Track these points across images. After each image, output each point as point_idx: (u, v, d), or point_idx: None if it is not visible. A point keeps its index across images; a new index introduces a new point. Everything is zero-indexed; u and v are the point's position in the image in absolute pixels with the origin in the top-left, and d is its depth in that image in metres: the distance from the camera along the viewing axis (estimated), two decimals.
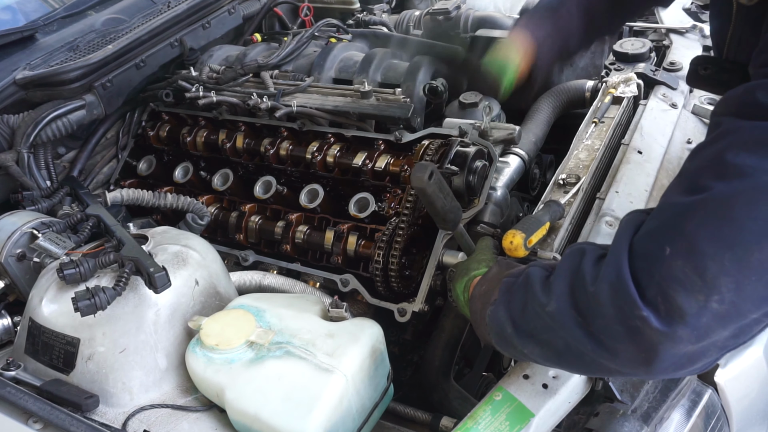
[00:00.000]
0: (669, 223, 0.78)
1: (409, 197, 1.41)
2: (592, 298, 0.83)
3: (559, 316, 0.87)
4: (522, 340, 0.95)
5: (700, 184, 0.76)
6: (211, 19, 2.05)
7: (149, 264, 1.11)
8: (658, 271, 0.76)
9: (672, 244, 0.75)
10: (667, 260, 0.75)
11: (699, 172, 0.78)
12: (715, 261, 0.72)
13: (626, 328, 0.79)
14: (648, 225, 0.82)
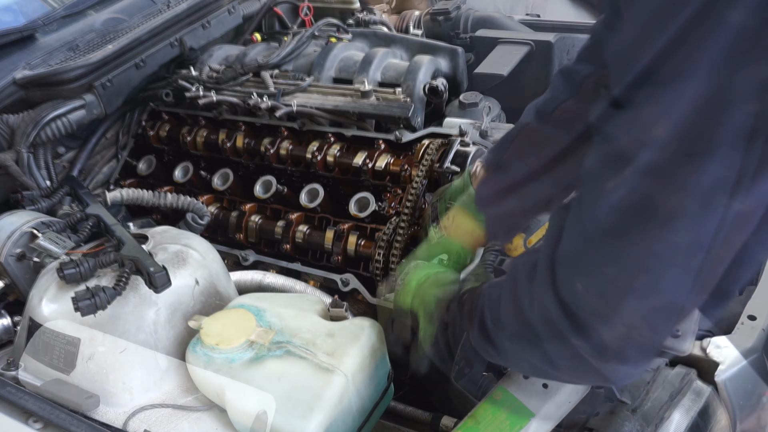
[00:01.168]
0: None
1: (409, 196, 1.41)
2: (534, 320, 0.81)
3: (517, 344, 0.86)
4: (498, 356, 0.95)
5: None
6: (211, 18, 2.05)
7: (149, 263, 1.11)
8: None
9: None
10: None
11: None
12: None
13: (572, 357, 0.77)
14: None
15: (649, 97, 0.55)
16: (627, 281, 0.61)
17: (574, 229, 0.66)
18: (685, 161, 0.55)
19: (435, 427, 1.23)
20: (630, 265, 0.61)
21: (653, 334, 0.67)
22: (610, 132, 0.58)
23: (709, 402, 1.15)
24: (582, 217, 0.63)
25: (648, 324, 0.65)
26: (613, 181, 0.58)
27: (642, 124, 0.56)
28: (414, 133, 1.56)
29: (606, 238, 0.61)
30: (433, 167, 1.44)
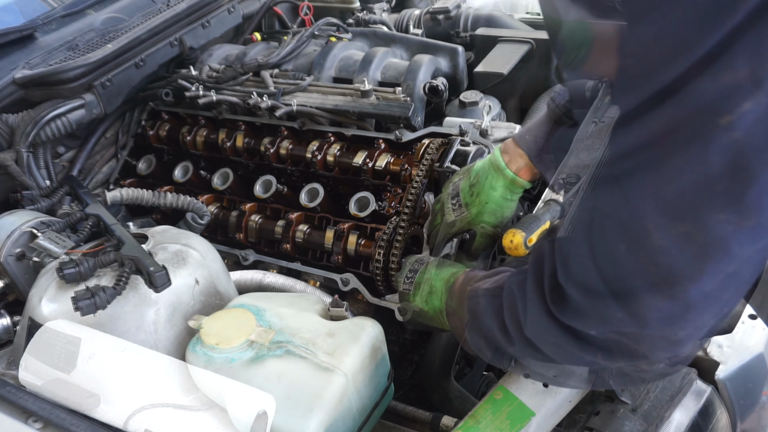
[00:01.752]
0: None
1: (409, 196, 1.41)
2: (536, 341, 0.81)
3: (524, 354, 0.86)
4: (505, 363, 0.94)
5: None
6: (211, 18, 2.05)
7: (149, 263, 1.11)
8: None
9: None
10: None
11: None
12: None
13: (588, 363, 0.78)
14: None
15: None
16: (738, 223, 0.56)
17: (651, 180, 0.59)
18: None
19: (435, 426, 1.23)
20: (745, 206, 0.56)
21: (749, 276, 0.63)
22: (727, 63, 0.51)
23: (709, 401, 1.15)
24: (677, 164, 0.56)
25: (748, 266, 0.61)
26: (727, 118, 0.52)
27: (765, 53, 0.50)
28: (414, 132, 1.56)
29: (718, 182, 0.55)
30: (434, 167, 1.43)
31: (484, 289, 0.95)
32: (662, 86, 0.54)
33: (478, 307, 0.94)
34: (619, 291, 0.65)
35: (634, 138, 0.58)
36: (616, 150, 0.60)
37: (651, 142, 0.57)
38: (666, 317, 0.64)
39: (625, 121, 0.58)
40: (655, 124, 0.56)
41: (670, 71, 0.53)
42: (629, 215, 0.62)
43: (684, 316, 0.63)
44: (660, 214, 0.59)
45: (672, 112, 0.54)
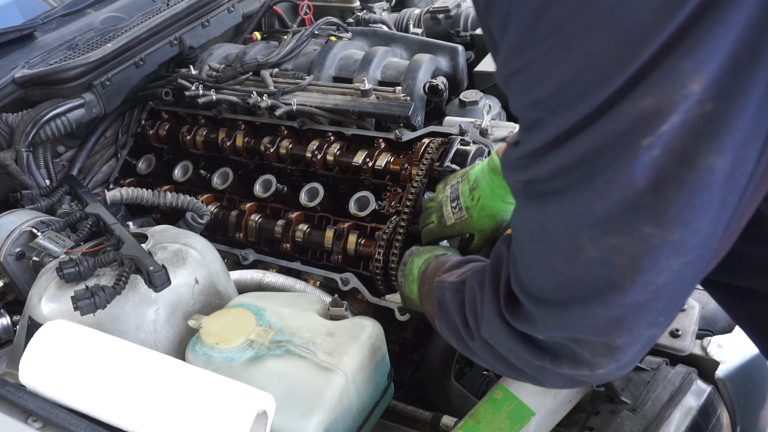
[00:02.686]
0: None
1: (409, 195, 1.41)
2: (490, 341, 0.84)
3: (483, 354, 0.88)
4: (469, 355, 0.95)
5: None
6: (211, 17, 2.04)
7: (149, 263, 1.11)
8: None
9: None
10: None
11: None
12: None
13: (535, 368, 0.79)
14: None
15: (684, 54, 0.54)
16: (663, 237, 0.61)
17: (585, 196, 0.64)
18: (722, 120, 0.56)
19: (435, 426, 1.23)
20: (667, 221, 0.60)
21: (681, 291, 0.67)
22: (645, 89, 0.56)
23: (709, 401, 1.15)
24: (605, 181, 0.61)
25: (678, 281, 0.64)
26: (648, 139, 0.57)
27: (680, 80, 0.55)
28: (414, 132, 1.55)
29: (643, 197, 0.59)
30: (434, 166, 1.43)
31: (449, 282, 0.98)
32: (590, 111, 0.59)
33: (444, 299, 0.97)
34: (561, 300, 0.70)
35: (567, 157, 0.63)
36: (551, 168, 0.65)
37: (583, 161, 0.62)
38: (603, 325, 0.68)
39: (558, 142, 0.62)
40: (585, 145, 0.61)
41: (596, 98, 0.58)
42: (565, 229, 0.66)
43: (620, 323, 0.67)
44: (592, 227, 0.63)
45: (599, 134, 0.59)
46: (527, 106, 0.65)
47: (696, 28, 0.53)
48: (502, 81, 0.66)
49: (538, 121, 0.64)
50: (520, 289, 0.76)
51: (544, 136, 0.63)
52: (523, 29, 0.60)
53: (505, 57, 0.64)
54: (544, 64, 0.60)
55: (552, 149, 0.63)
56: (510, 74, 0.64)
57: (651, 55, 0.54)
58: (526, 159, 0.67)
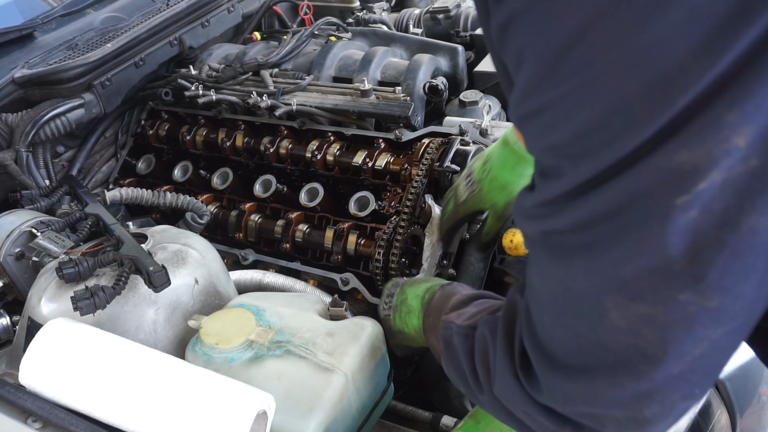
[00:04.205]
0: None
1: (409, 195, 1.41)
2: (509, 405, 0.76)
3: (493, 410, 0.81)
4: (478, 404, 0.89)
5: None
6: (210, 17, 2.04)
7: (148, 263, 1.11)
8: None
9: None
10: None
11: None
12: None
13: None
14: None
15: (730, 104, 0.47)
16: (701, 304, 0.54)
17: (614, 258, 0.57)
18: (765, 172, 0.49)
19: (435, 426, 1.23)
20: (706, 287, 0.54)
21: (720, 361, 0.61)
22: (681, 142, 0.50)
23: (709, 401, 1.15)
24: (634, 242, 0.55)
25: (717, 350, 0.58)
26: (683, 198, 0.50)
27: (723, 133, 0.48)
28: (414, 132, 1.55)
29: (677, 263, 0.53)
30: (433, 166, 1.43)
31: (457, 325, 0.90)
32: (615, 161, 0.53)
33: (451, 340, 0.90)
34: (583, 366, 0.63)
35: (589, 211, 0.56)
36: (572, 221, 0.58)
37: (609, 216, 0.55)
38: (631, 397, 0.61)
39: (579, 192, 0.56)
40: (610, 199, 0.54)
41: (623, 147, 0.52)
42: (587, 290, 0.60)
43: (651, 395, 0.61)
44: (618, 293, 0.57)
45: (628, 186, 0.52)
46: (544, 149, 0.59)
47: (744, 74, 0.47)
48: (517, 121, 0.60)
49: (556, 168, 0.57)
50: (536, 351, 0.68)
51: (562, 185, 0.57)
52: (543, 67, 0.54)
53: (520, 96, 0.57)
54: (565, 106, 0.54)
55: (573, 199, 0.57)
56: (525, 115, 0.58)
57: (689, 102, 0.48)
58: (544, 207, 0.60)
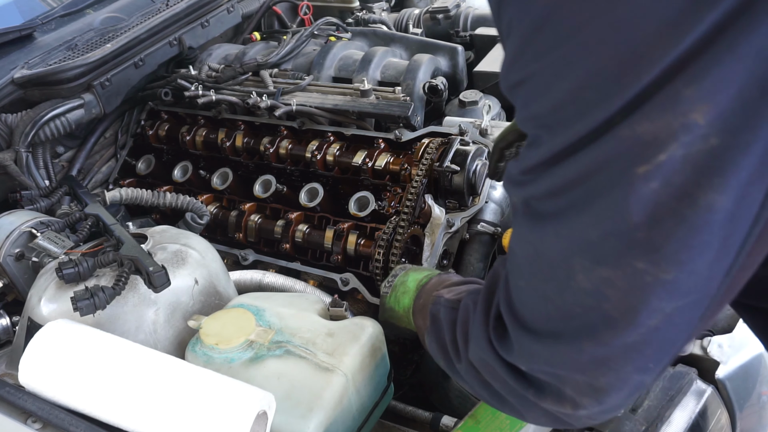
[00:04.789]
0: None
1: (409, 195, 1.41)
2: (477, 366, 0.80)
3: (468, 377, 0.85)
4: (455, 377, 0.93)
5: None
6: (210, 17, 2.04)
7: (148, 263, 1.11)
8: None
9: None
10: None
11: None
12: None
13: (519, 398, 0.75)
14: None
15: (688, 80, 0.50)
16: (656, 275, 0.57)
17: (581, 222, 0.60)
18: (726, 156, 0.52)
19: (435, 426, 1.23)
20: (662, 258, 0.56)
21: (674, 337, 0.63)
22: (644, 114, 0.53)
23: (709, 401, 1.15)
24: (600, 208, 0.58)
25: (671, 326, 0.61)
26: (644, 167, 0.54)
27: (681, 107, 0.51)
28: (414, 132, 1.55)
29: (638, 230, 0.56)
30: (433, 166, 1.43)
31: (445, 299, 0.96)
32: (587, 132, 0.56)
33: (438, 314, 0.95)
34: (549, 331, 0.67)
35: (562, 178, 0.59)
36: (546, 187, 0.62)
37: (578, 183, 0.58)
38: (589, 362, 0.65)
39: (554, 161, 0.60)
40: (581, 167, 0.57)
41: (594, 118, 0.55)
42: (558, 254, 0.63)
43: (606, 363, 0.64)
44: (584, 255, 0.60)
45: (595, 156, 0.56)
46: (527, 119, 0.63)
47: (703, 54, 0.50)
48: (506, 91, 0.64)
49: (537, 137, 0.61)
50: (509, 313, 0.73)
51: (540, 154, 0.61)
52: (524, 40, 0.57)
53: (507, 66, 0.62)
54: (543, 78, 0.57)
55: (549, 168, 0.61)
56: (511, 85, 0.62)
57: (654, 78, 0.51)
58: (525, 174, 0.64)
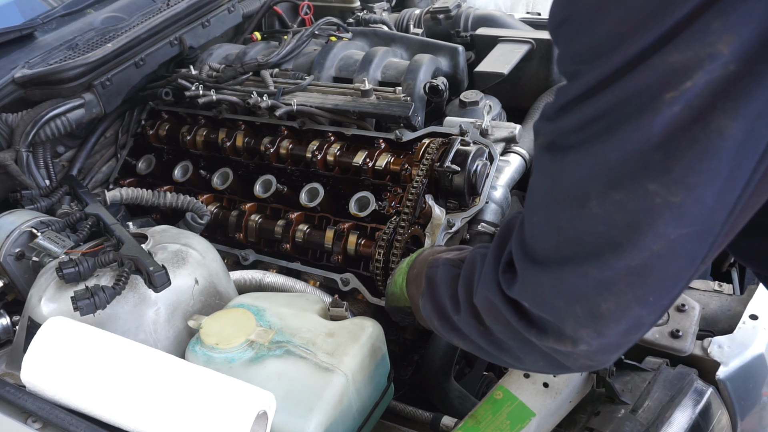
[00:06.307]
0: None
1: (409, 196, 1.41)
2: (480, 310, 0.83)
3: (466, 327, 0.88)
4: (448, 334, 0.95)
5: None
6: (211, 17, 2.04)
7: (149, 263, 1.11)
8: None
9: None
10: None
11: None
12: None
13: (519, 341, 0.79)
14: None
15: (716, 14, 0.55)
16: (665, 197, 0.61)
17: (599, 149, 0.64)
18: (741, 83, 0.56)
19: (435, 426, 1.23)
20: (672, 181, 0.60)
21: (676, 271, 0.66)
22: (675, 45, 0.57)
23: (710, 402, 1.15)
24: (625, 132, 0.61)
25: (674, 256, 0.64)
26: (672, 93, 0.58)
27: (709, 38, 0.56)
28: (414, 132, 1.55)
29: (655, 151, 0.60)
30: (434, 166, 1.43)
31: (445, 258, 0.99)
32: (622, 63, 0.60)
33: (435, 275, 0.98)
34: (557, 259, 0.70)
35: (593, 109, 0.63)
36: (577, 120, 0.65)
37: (609, 111, 0.62)
38: (592, 286, 0.67)
39: (589, 93, 0.63)
40: (612, 97, 0.61)
41: (629, 50, 0.59)
42: (576, 182, 0.66)
43: (608, 287, 0.66)
44: (600, 180, 0.64)
45: (627, 86, 0.60)
46: (569, 57, 0.66)
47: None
48: (553, 31, 0.68)
49: (576, 73, 0.65)
50: (521, 251, 0.75)
51: (578, 87, 0.64)
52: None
53: (554, 6, 0.66)
54: (587, 14, 0.62)
55: (582, 101, 0.64)
56: (557, 24, 0.66)
57: (686, 13, 0.56)
58: (559, 111, 0.68)
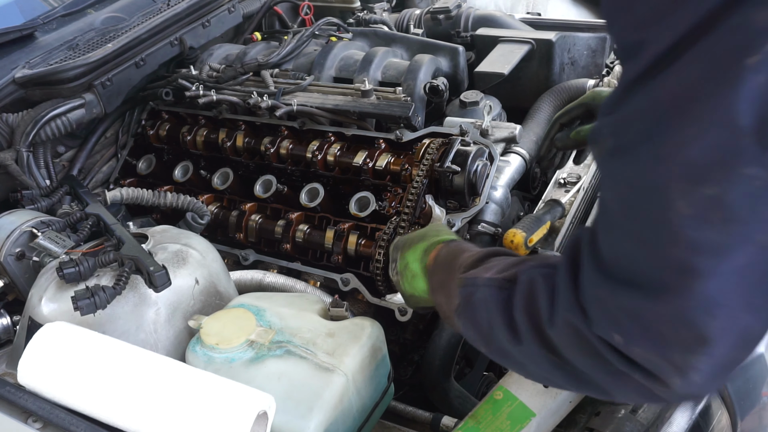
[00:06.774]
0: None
1: (409, 196, 1.41)
2: (558, 341, 0.72)
3: (532, 359, 0.77)
4: (500, 360, 0.86)
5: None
6: (211, 17, 2.04)
7: (149, 263, 1.11)
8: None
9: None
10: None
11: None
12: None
13: (609, 374, 0.67)
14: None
15: None
16: (765, 178, 0.51)
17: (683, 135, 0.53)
18: None
19: (435, 426, 1.23)
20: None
21: (762, 276, 0.56)
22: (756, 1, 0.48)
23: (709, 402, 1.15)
24: (702, 113, 0.52)
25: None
26: (754, 57, 0.49)
27: None
28: (414, 132, 1.55)
29: (746, 131, 0.50)
30: (434, 167, 1.43)
31: (486, 278, 0.85)
32: (695, 22, 0.51)
33: (473, 296, 0.85)
34: (646, 281, 0.60)
35: (658, 91, 0.54)
36: (638, 108, 0.56)
37: (680, 90, 0.53)
38: (696, 305, 0.57)
39: (657, 69, 0.54)
40: (688, 68, 0.52)
41: (701, 6, 0.51)
42: (654, 182, 0.56)
43: (716, 300, 0.56)
44: (683, 177, 0.54)
45: (704, 51, 0.51)
46: (630, 26, 0.58)
47: None
48: (607, 4, 0.60)
49: (639, 45, 0.56)
50: (601, 277, 0.64)
51: (640, 63, 0.56)
52: None
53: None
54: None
55: (647, 81, 0.55)
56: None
57: None
58: (620, 98, 0.59)
